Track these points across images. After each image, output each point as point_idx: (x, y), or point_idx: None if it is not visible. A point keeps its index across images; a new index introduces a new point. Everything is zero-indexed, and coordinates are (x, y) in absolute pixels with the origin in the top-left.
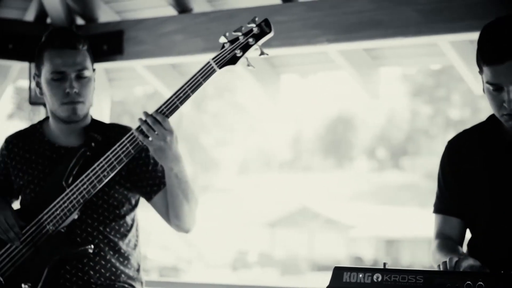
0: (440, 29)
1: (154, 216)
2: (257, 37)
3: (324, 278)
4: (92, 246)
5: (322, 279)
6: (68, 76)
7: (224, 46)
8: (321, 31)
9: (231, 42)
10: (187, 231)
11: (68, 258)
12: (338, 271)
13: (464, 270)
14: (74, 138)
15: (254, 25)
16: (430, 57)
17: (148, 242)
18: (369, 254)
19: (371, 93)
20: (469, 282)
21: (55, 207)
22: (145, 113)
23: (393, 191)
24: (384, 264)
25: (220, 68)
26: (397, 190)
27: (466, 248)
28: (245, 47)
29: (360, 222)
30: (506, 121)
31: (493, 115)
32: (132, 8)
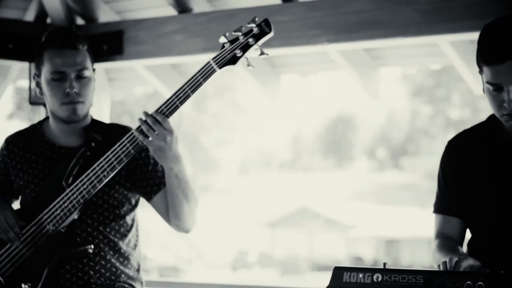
0: (440, 29)
1: (154, 216)
2: (257, 37)
3: (324, 278)
4: (92, 246)
5: (322, 279)
6: (68, 76)
7: (224, 46)
8: (321, 31)
9: (231, 42)
10: (187, 231)
11: (68, 258)
12: (338, 271)
13: (464, 270)
14: (74, 138)
15: (254, 25)
16: (430, 57)
17: (148, 242)
18: (369, 254)
19: (371, 93)
20: (469, 282)
21: (55, 207)
22: (145, 113)
23: (393, 191)
24: (384, 264)
25: (220, 68)
26: (397, 190)
27: (466, 248)
28: (245, 47)
29: (360, 222)
30: (506, 121)
31: (493, 115)
32: (132, 8)
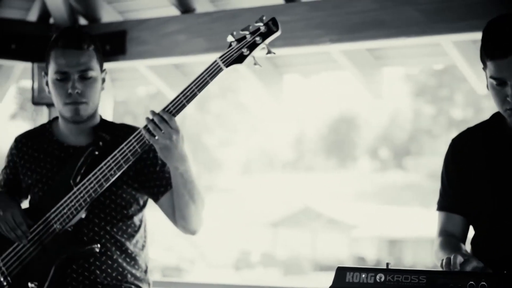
0: (443, 29)
1: (156, 216)
2: (264, 36)
3: (327, 278)
4: (99, 246)
5: (325, 279)
6: (71, 76)
7: (231, 45)
8: (324, 31)
9: (238, 40)
10: (194, 233)
11: (74, 257)
12: (341, 271)
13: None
14: (82, 138)
15: (261, 24)
16: (433, 57)
17: (151, 242)
18: (372, 254)
19: (374, 93)
20: (472, 282)
21: (62, 206)
22: (152, 111)
23: (396, 191)
24: (387, 264)
25: (227, 66)
26: (400, 190)
27: (469, 246)
28: (252, 46)
29: (363, 222)
30: (509, 116)
31: (496, 113)
32: (135, 8)
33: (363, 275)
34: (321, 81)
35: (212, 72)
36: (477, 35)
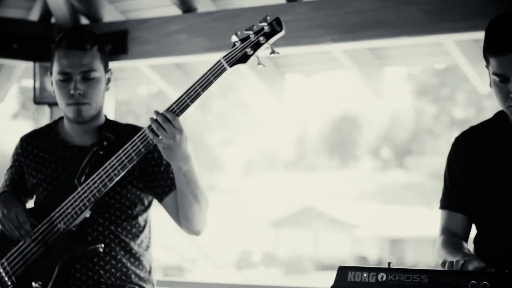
0: (445, 28)
1: (158, 216)
2: (268, 36)
3: (329, 278)
4: (103, 245)
5: (326, 278)
6: (74, 77)
7: (235, 45)
8: (326, 31)
9: (242, 40)
10: (197, 233)
11: (78, 257)
12: (342, 271)
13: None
14: (87, 138)
15: (265, 24)
16: (434, 57)
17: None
18: (374, 254)
19: (375, 92)
20: (474, 281)
21: (66, 205)
22: (156, 111)
23: (398, 191)
24: (389, 263)
25: (230, 66)
26: (402, 190)
27: (472, 245)
28: (256, 46)
29: (364, 221)
30: (511, 112)
31: (499, 112)
32: (137, 8)
33: (365, 275)
34: (322, 80)
35: (216, 72)
36: (479, 35)
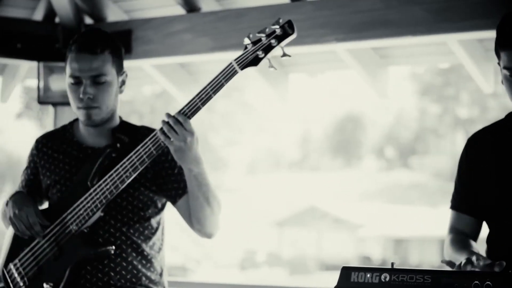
0: (449, 28)
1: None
2: (280, 39)
3: (332, 278)
4: (114, 247)
5: (330, 278)
6: (83, 81)
7: (246, 47)
8: (330, 30)
9: (253, 43)
10: (210, 236)
11: (89, 258)
12: (345, 271)
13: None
14: (102, 139)
15: (277, 27)
16: (438, 56)
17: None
18: (378, 254)
19: (379, 92)
20: (477, 281)
21: (78, 207)
22: (167, 114)
23: (402, 191)
24: (392, 264)
25: (242, 69)
26: (406, 190)
27: (485, 245)
28: (268, 48)
29: (368, 221)
30: None
31: (511, 112)
32: (141, 7)
33: (368, 275)
34: (326, 80)
35: (227, 75)
36: (482, 34)
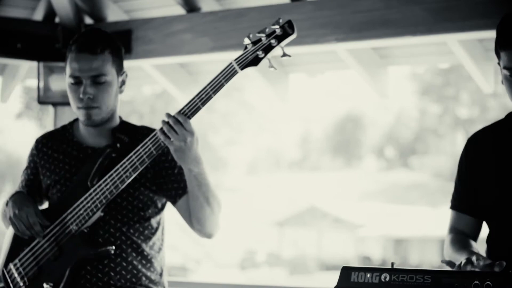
0: (449, 28)
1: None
2: (280, 39)
3: (333, 278)
4: (114, 247)
5: (330, 278)
6: (83, 81)
7: (246, 47)
8: (330, 30)
9: (253, 43)
10: (210, 236)
11: (88, 258)
12: (346, 271)
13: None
14: (101, 139)
15: (277, 27)
16: (438, 56)
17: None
18: (378, 254)
19: (379, 92)
20: (477, 281)
21: (78, 207)
22: (167, 114)
23: (402, 190)
24: (392, 264)
25: (242, 69)
26: (406, 189)
27: (485, 244)
28: (268, 48)
29: (368, 221)
30: None
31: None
32: (141, 7)
33: (368, 275)
34: (326, 80)
35: (227, 75)
36: (483, 34)
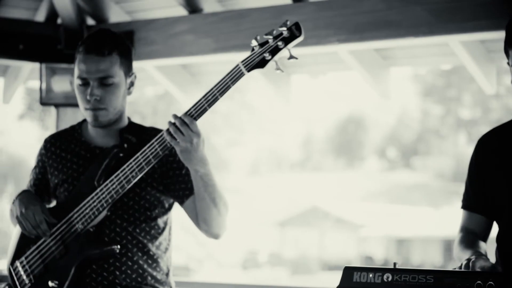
0: (451, 29)
1: None
2: (287, 41)
3: (335, 278)
4: (119, 246)
5: (332, 278)
6: (90, 82)
7: (253, 49)
8: (332, 31)
9: (260, 45)
10: (216, 237)
11: (94, 257)
12: (348, 271)
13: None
14: (109, 139)
15: (284, 29)
16: (441, 57)
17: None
18: (380, 254)
19: (381, 93)
20: (480, 281)
21: (85, 206)
22: (174, 115)
23: (404, 191)
24: (394, 264)
25: (248, 71)
26: (408, 190)
27: (495, 243)
28: (274, 51)
29: (370, 221)
30: None
31: None
32: (143, 8)
33: (370, 275)
34: (328, 81)
35: (233, 77)
36: (485, 35)
